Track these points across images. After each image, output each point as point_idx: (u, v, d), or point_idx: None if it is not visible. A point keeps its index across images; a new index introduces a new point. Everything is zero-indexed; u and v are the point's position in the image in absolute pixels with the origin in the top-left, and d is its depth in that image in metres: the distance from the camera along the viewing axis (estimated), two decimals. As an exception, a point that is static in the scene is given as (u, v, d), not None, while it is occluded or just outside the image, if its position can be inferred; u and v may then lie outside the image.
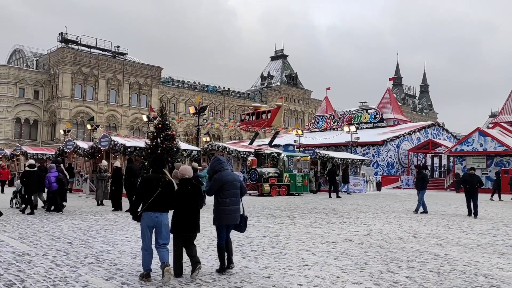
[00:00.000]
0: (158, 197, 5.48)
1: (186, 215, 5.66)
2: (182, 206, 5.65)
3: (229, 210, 5.93)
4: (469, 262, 7.05)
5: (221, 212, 5.92)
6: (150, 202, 5.46)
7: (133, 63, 67.93)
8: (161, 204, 5.53)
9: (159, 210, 5.52)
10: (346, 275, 6.03)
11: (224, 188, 5.93)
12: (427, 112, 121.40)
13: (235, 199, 5.98)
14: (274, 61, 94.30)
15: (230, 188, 5.95)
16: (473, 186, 13.99)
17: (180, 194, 5.69)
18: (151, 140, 18.65)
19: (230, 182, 5.98)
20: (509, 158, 32.82)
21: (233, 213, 5.96)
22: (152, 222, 5.50)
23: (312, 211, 15.14)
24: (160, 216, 5.52)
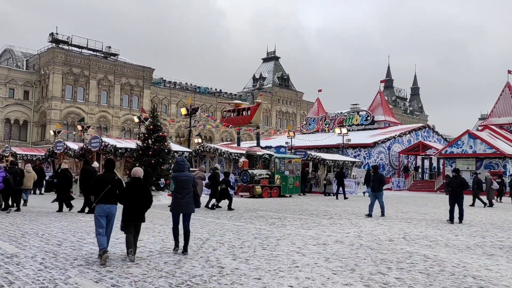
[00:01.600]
0: (109, 192, 6.73)
1: (133, 208, 6.88)
2: (131, 200, 6.86)
3: (182, 202, 7.43)
4: (458, 263, 7.11)
5: (175, 203, 7.53)
6: (102, 196, 6.70)
7: (124, 64, 67.58)
8: (111, 198, 6.77)
9: (110, 202, 6.75)
10: (336, 276, 6.05)
11: (179, 185, 7.45)
12: (418, 115, 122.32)
13: (187, 194, 7.44)
14: (266, 63, 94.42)
15: (183, 185, 7.44)
16: (455, 189, 13.03)
17: (129, 190, 6.92)
18: (142, 141, 18.60)
19: (183, 181, 7.48)
20: (498, 161, 33.18)
21: (186, 204, 7.45)
22: (104, 212, 6.70)
23: (303, 212, 15.18)
24: (111, 207, 6.77)
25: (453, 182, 13.22)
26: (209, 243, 8.52)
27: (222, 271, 6.21)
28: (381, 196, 13.89)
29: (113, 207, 6.79)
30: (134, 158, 18.70)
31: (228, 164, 25.76)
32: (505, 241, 9.56)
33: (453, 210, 12.88)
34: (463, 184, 13.11)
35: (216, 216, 13.44)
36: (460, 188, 13.00)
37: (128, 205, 6.86)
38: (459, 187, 12.99)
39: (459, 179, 13.21)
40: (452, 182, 13.30)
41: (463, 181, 13.22)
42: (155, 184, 18.21)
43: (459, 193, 12.97)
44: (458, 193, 12.96)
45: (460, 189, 12.98)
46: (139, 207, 6.93)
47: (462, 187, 13.03)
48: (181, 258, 7.02)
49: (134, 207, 6.86)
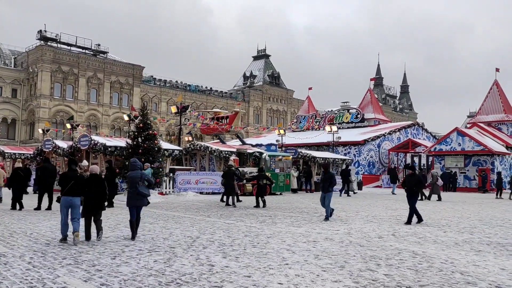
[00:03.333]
0: (72, 186, 8.11)
1: (92, 199, 8.23)
2: (90, 193, 8.24)
3: (135, 197, 8.69)
4: (446, 259, 7.19)
5: (129, 198, 8.78)
6: (66, 190, 8.09)
7: (114, 61, 67.08)
8: (74, 191, 8.12)
9: (72, 195, 8.12)
10: (326, 273, 6.08)
11: (131, 182, 8.73)
12: (408, 112, 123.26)
13: (138, 190, 8.63)
14: (256, 61, 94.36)
15: (135, 182, 8.67)
16: (411, 188, 11.96)
17: (88, 184, 8.28)
18: (132, 139, 18.51)
19: (133, 178, 8.73)
20: (486, 158, 33.57)
21: (138, 198, 8.71)
22: (67, 203, 8.09)
23: (293, 210, 15.23)
24: (73, 199, 8.13)
25: (409, 180, 12.22)
26: (199, 241, 8.51)
27: (212, 269, 6.21)
28: (328, 198, 12.32)
29: (75, 199, 8.14)
30: (124, 157, 18.59)
31: (219, 162, 25.73)
32: (492, 238, 9.68)
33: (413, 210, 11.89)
34: (419, 182, 12.14)
35: (207, 214, 13.42)
36: (416, 186, 12.02)
37: (87, 197, 8.24)
38: (415, 185, 12.00)
39: (415, 177, 12.27)
40: (408, 180, 12.28)
41: (419, 179, 12.27)
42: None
43: (414, 191, 11.97)
44: (414, 191, 11.95)
45: (416, 188, 12.00)
46: (96, 198, 8.29)
47: (418, 185, 12.07)
48: (171, 256, 7.01)
49: (91, 198, 8.25)
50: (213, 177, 23.58)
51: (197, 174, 23.93)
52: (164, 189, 21.48)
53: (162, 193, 20.88)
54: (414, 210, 11.80)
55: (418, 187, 12.08)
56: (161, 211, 14.25)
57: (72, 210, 8.08)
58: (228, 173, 16.46)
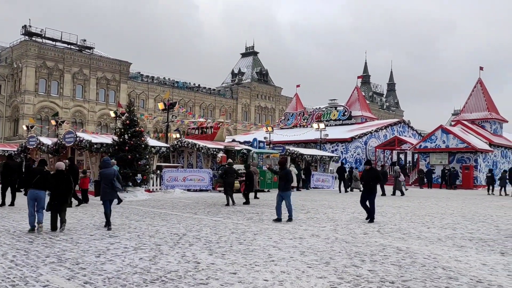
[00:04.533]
0: (38, 181, 8.97)
1: (57, 193, 9.02)
2: (55, 187, 9.02)
3: (108, 192, 9.74)
4: (429, 255, 7.30)
5: (105, 193, 9.73)
6: (33, 183, 8.94)
7: (100, 57, 66.32)
8: (40, 185, 8.99)
9: (39, 188, 8.98)
10: (311, 269, 6.13)
11: (103, 179, 9.78)
12: (394, 110, 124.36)
13: (111, 185, 9.73)
14: (244, 58, 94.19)
15: (106, 179, 9.72)
16: (368, 183, 11.52)
17: (55, 180, 9.06)
18: (118, 136, 18.35)
19: (107, 175, 9.78)
20: (470, 155, 34.09)
21: (111, 193, 9.80)
22: (34, 196, 8.93)
23: (280, 207, 15.26)
24: (39, 192, 8.98)
25: (366, 175, 11.70)
26: (185, 238, 8.49)
27: (198, 266, 6.21)
28: (288, 197, 11.35)
29: (41, 192, 9.01)
30: (110, 154, 18.43)
31: (206, 159, 25.67)
32: (474, 233, 9.85)
33: (366, 205, 11.50)
34: (377, 178, 11.64)
35: (194, 212, 13.40)
36: (374, 181, 11.49)
37: (53, 191, 9.03)
38: (372, 180, 11.48)
39: (372, 172, 11.72)
40: (365, 175, 11.72)
41: (377, 174, 11.79)
42: (132, 179, 18.00)
43: (372, 187, 11.47)
44: (371, 187, 11.47)
45: (373, 183, 11.48)
46: (61, 193, 9.05)
47: (375, 180, 11.52)
48: (156, 254, 6.99)
49: (56, 193, 9.01)
50: (201, 174, 23.52)
51: (184, 171, 23.83)
52: (151, 187, 21.36)
53: (149, 190, 20.76)
54: (372, 207, 11.42)
55: (375, 182, 11.50)
56: (147, 208, 14.17)
57: (37, 202, 8.93)
58: (230, 171, 16.04)
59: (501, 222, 12.08)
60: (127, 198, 17.28)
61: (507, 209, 16.09)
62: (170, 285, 5.24)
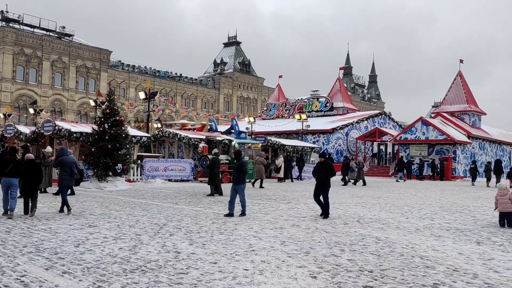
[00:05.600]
0: (11, 169, 9.52)
1: (27, 181, 9.72)
2: (26, 176, 9.70)
3: (66, 179, 10.49)
4: (407, 244, 7.43)
5: (61, 180, 10.49)
6: (6, 172, 9.49)
7: (80, 45, 64.96)
8: (12, 173, 9.56)
9: (11, 176, 9.57)
10: (291, 259, 6.17)
11: (63, 166, 10.50)
12: (376, 102, 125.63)
13: (69, 173, 10.52)
14: (227, 48, 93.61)
15: (66, 166, 10.51)
16: (321, 176, 10.74)
17: (25, 168, 9.68)
18: (98, 125, 18.06)
19: (67, 163, 10.54)
20: (449, 146, 34.75)
21: (69, 180, 10.58)
22: (7, 184, 9.51)
23: (262, 197, 15.34)
24: (12, 180, 9.57)
25: (320, 168, 10.93)
26: (166, 228, 8.45)
27: (178, 256, 6.19)
28: (242, 190, 10.59)
29: (13, 180, 9.57)
30: (90, 143, 18.15)
31: (188, 150, 25.53)
32: (452, 223, 10.07)
33: (320, 200, 10.76)
34: (329, 171, 10.80)
35: (175, 202, 13.34)
36: (327, 175, 10.72)
37: (24, 179, 9.73)
38: (326, 173, 10.72)
39: (326, 165, 10.91)
40: (319, 168, 10.98)
41: (331, 167, 10.92)
42: (112, 169, 17.78)
43: (325, 180, 10.71)
44: (325, 180, 10.71)
45: (326, 176, 10.71)
46: (31, 180, 9.69)
47: (329, 173, 10.76)
48: (136, 243, 6.93)
49: (27, 180, 9.67)
50: (182, 164, 23.41)
51: (165, 161, 23.67)
52: (132, 176, 21.17)
53: (130, 180, 20.57)
54: (326, 202, 10.69)
55: (328, 176, 10.74)
56: (128, 198, 14.05)
57: (10, 189, 9.51)
58: (215, 162, 15.99)
59: (478, 212, 12.38)
60: (107, 188, 17.09)
61: (483, 199, 16.49)
62: (150, 274, 5.21)
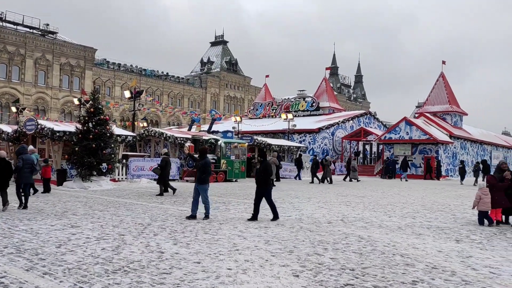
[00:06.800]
0: None
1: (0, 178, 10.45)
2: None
3: (26, 176, 11.12)
4: (389, 243, 7.54)
5: (24, 177, 11.10)
6: None
7: (64, 42, 64.12)
8: None
9: None
10: (274, 258, 6.22)
11: (26, 163, 11.09)
12: (361, 102, 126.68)
13: (30, 170, 11.19)
14: (214, 47, 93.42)
15: (27, 163, 11.14)
16: (259, 178, 9.97)
17: None
18: (82, 124, 17.87)
19: (28, 160, 11.16)
20: (432, 146, 35.25)
21: (28, 176, 11.19)
22: None
23: (247, 197, 15.36)
24: None
25: (258, 169, 10.33)
26: (150, 228, 8.43)
27: (162, 256, 6.18)
28: (205, 191, 10.02)
29: None
30: (74, 142, 17.96)
31: (174, 149, 25.43)
32: (432, 222, 10.24)
33: (259, 203, 9.90)
34: (265, 172, 10.01)
35: (160, 201, 13.29)
36: (264, 176, 9.94)
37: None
38: (262, 175, 9.96)
39: (263, 165, 10.11)
40: (257, 169, 10.38)
41: (265, 168, 10.04)
42: (96, 169, 17.62)
43: (262, 182, 9.93)
44: (261, 182, 9.93)
45: (263, 177, 9.92)
46: (3, 177, 10.42)
47: (266, 174, 10.01)
48: (120, 244, 6.91)
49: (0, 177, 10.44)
50: (168, 163, 23.31)
51: (151, 160, 23.53)
52: (117, 176, 21.00)
53: (115, 179, 20.41)
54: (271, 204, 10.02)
55: (265, 176, 9.96)
56: (112, 198, 13.94)
57: None
58: (167, 162, 15.99)
59: (458, 211, 12.61)
60: (91, 188, 16.94)
61: (464, 198, 16.79)
62: (132, 275, 5.20)
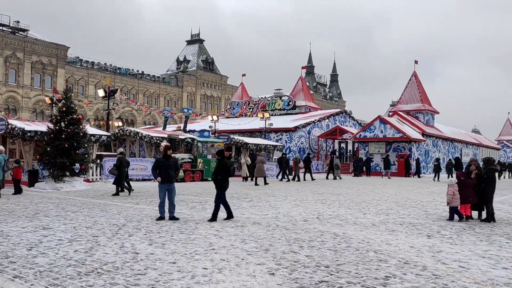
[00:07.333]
0: None
1: None
2: None
3: None
4: (363, 239, 7.67)
5: None
6: None
7: (35, 40, 62.49)
8: None
9: None
10: (250, 257, 6.24)
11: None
12: (337, 100, 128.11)
13: None
14: (190, 45, 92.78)
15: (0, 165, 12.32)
16: (216, 176, 9.66)
17: None
18: (54, 124, 17.49)
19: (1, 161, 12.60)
20: (405, 144, 35.99)
21: None
22: None
23: (224, 196, 15.31)
24: None
25: (216, 167, 9.97)
26: (125, 229, 8.32)
27: (136, 256, 6.12)
28: (172, 191, 9.81)
29: None
30: (45, 142, 17.54)
31: (150, 148, 25.15)
32: (405, 218, 10.46)
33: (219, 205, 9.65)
34: (226, 169, 9.69)
35: (135, 202, 13.13)
36: (223, 174, 9.62)
37: None
38: (222, 173, 9.63)
39: (222, 163, 9.75)
40: (215, 167, 10.03)
41: (224, 166, 9.71)
42: (69, 169, 17.27)
43: (221, 181, 9.59)
44: (220, 181, 9.59)
45: (222, 176, 9.60)
46: None
47: (225, 172, 9.65)
48: (93, 245, 6.80)
49: None
50: (143, 163, 23.05)
51: (126, 160, 23.21)
52: (91, 176, 20.64)
53: (88, 180, 20.05)
54: (223, 202, 9.72)
55: (224, 175, 9.63)
56: (86, 199, 13.70)
57: None
58: (122, 161, 15.76)
59: (430, 207, 12.92)
60: (64, 189, 16.60)
61: (436, 195, 17.21)
62: (106, 276, 5.13)
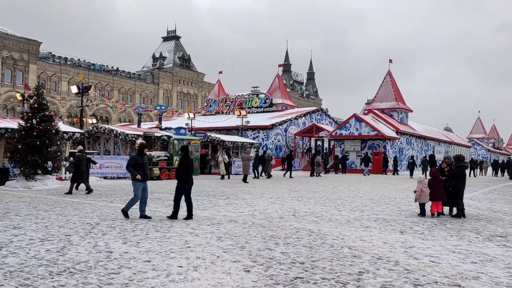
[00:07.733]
0: None
1: None
2: None
3: None
4: (338, 236, 7.78)
5: None
6: None
7: (6, 35, 60.61)
8: None
9: None
10: (226, 254, 6.24)
11: None
12: (313, 98, 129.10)
13: None
14: (166, 42, 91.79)
15: None
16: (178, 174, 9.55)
17: None
18: (25, 121, 17.04)
19: None
20: (380, 142, 36.63)
21: None
22: None
23: (200, 193, 15.27)
24: None
25: (179, 164, 9.85)
26: (99, 227, 8.19)
27: (110, 255, 6.03)
28: (147, 189, 9.73)
29: None
30: (16, 139, 17.07)
31: (125, 146, 24.79)
32: (379, 214, 10.66)
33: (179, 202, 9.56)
34: (188, 166, 9.51)
35: (110, 200, 12.94)
36: (185, 171, 9.44)
37: None
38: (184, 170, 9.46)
39: (185, 160, 9.57)
40: (179, 164, 9.91)
41: (189, 163, 9.59)
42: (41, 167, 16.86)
43: (183, 178, 9.46)
44: (182, 178, 9.47)
45: (184, 173, 9.43)
46: None
47: (188, 170, 9.48)
48: (65, 245, 6.66)
49: None
50: (118, 161, 22.72)
51: (101, 158, 22.84)
52: (63, 174, 20.20)
53: (61, 178, 19.62)
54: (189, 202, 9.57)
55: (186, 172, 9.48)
56: (58, 197, 13.41)
57: None
58: (81, 158, 15.46)
59: (403, 203, 13.20)
60: (36, 187, 16.20)
61: (409, 192, 17.56)
62: (78, 276, 5.04)
